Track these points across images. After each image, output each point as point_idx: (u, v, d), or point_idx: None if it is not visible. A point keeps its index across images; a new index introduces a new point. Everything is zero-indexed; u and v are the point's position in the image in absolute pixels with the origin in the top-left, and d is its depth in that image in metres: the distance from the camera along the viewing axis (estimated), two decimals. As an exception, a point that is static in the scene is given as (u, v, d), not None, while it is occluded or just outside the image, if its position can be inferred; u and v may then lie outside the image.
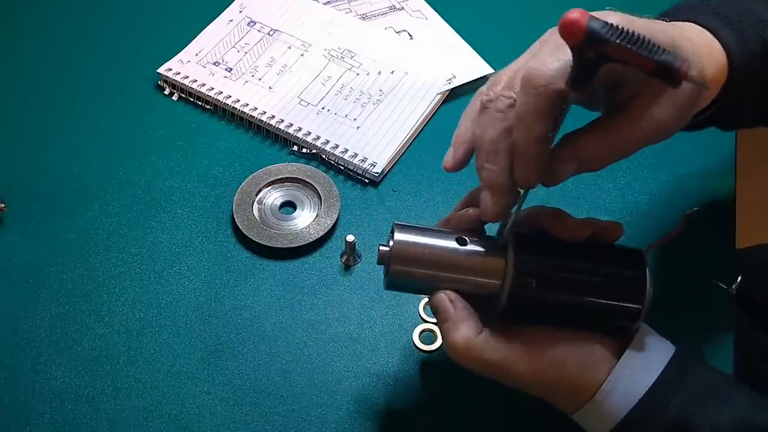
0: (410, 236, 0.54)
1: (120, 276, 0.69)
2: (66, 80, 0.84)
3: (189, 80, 0.82)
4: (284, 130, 0.78)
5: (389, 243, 0.54)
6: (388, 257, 0.53)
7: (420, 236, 0.54)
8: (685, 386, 0.51)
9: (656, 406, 0.51)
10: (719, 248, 0.71)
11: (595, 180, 0.76)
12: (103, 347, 0.65)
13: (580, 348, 0.53)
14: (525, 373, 0.52)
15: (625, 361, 0.52)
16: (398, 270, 0.53)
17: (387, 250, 0.54)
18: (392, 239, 0.53)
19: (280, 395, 0.63)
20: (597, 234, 0.54)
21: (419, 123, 0.80)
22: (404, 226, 0.54)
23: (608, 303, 0.53)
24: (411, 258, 0.53)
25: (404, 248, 0.53)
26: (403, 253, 0.53)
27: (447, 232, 0.54)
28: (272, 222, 0.72)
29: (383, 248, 0.54)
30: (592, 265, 0.53)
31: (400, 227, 0.54)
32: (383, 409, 0.62)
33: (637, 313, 0.53)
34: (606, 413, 0.52)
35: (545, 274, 0.52)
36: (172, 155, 0.78)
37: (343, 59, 0.85)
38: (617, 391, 0.51)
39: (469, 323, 0.52)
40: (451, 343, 0.52)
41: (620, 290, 0.53)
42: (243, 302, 0.68)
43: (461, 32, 0.88)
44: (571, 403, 0.53)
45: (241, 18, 0.89)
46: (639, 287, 0.53)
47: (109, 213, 0.73)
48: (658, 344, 0.54)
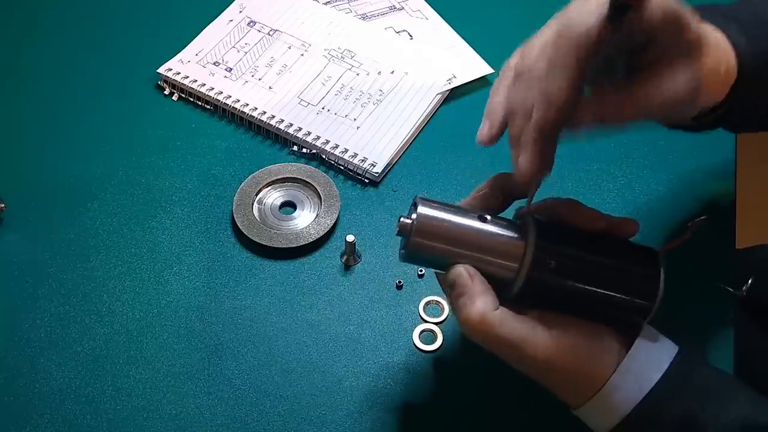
0: (432, 211, 0.54)
1: (120, 276, 0.69)
2: (66, 80, 0.84)
3: (189, 80, 0.82)
4: (284, 130, 0.78)
5: (411, 216, 0.54)
6: (410, 229, 0.53)
7: (442, 212, 0.54)
8: (690, 383, 0.52)
9: (663, 402, 0.51)
10: (719, 248, 0.71)
11: (596, 180, 0.76)
12: (103, 347, 0.65)
13: (591, 337, 0.53)
14: (537, 354, 0.52)
15: (633, 355, 0.52)
16: (418, 242, 0.53)
17: (409, 222, 0.53)
18: (415, 212, 0.53)
19: (280, 395, 0.63)
20: (611, 229, 0.54)
21: (419, 123, 0.80)
22: (427, 200, 0.54)
23: (622, 296, 0.53)
24: (432, 232, 0.53)
25: (426, 221, 0.53)
26: (424, 226, 0.53)
27: (468, 210, 0.55)
28: (272, 222, 0.72)
29: (405, 220, 0.54)
30: (609, 257, 0.54)
31: (423, 201, 0.54)
32: (383, 410, 0.62)
33: (648, 309, 0.53)
34: (613, 407, 0.52)
35: (564, 259, 0.52)
36: (172, 155, 0.78)
37: (343, 59, 0.85)
38: (625, 385, 0.51)
39: (486, 298, 0.52)
40: (467, 317, 0.52)
41: (635, 284, 0.53)
42: (243, 302, 0.68)
43: (461, 32, 0.88)
44: (577, 393, 0.53)
45: (241, 18, 0.89)
46: (653, 284, 0.53)
47: (109, 213, 0.73)
48: (663, 342, 0.54)
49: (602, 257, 0.53)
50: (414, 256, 0.55)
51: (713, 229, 0.72)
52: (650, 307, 0.53)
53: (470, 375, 0.63)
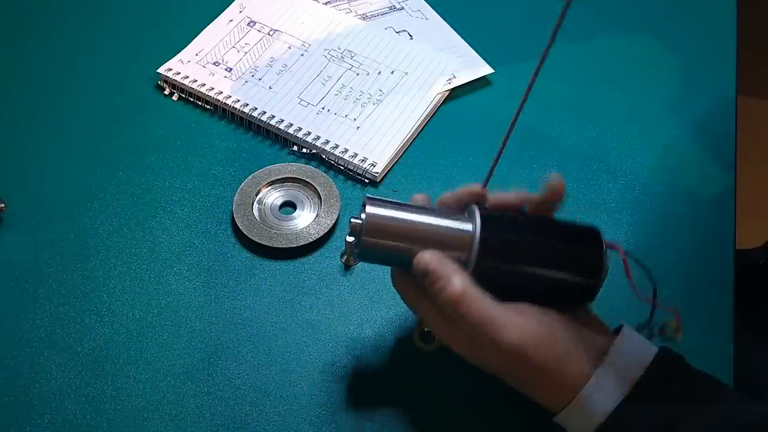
0: (381, 209, 0.56)
1: (120, 276, 0.69)
2: (66, 80, 0.84)
3: (189, 80, 0.82)
4: (284, 130, 0.78)
5: (360, 216, 0.56)
6: (360, 229, 0.55)
7: (390, 209, 0.56)
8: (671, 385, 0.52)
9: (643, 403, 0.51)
10: (719, 248, 0.71)
11: (596, 180, 0.76)
12: (103, 347, 0.65)
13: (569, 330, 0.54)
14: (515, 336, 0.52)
15: (611, 357, 0.52)
16: (369, 241, 0.55)
17: (359, 223, 0.56)
18: (364, 212, 0.55)
19: (280, 395, 0.63)
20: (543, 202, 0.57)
21: (419, 123, 0.80)
22: (376, 199, 0.57)
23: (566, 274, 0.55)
24: (381, 230, 0.55)
25: (374, 221, 0.55)
26: (373, 225, 0.55)
27: (416, 206, 0.57)
28: (272, 222, 0.72)
29: (355, 221, 0.56)
30: (552, 237, 0.56)
31: (371, 200, 0.56)
32: (383, 410, 0.62)
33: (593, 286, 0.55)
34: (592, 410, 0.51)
35: (507, 243, 0.55)
36: (172, 155, 0.78)
37: (343, 59, 0.85)
38: (603, 387, 0.51)
39: (463, 275, 0.54)
40: (451, 295, 0.53)
41: (579, 262, 0.55)
42: (243, 302, 0.68)
43: (461, 32, 0.88)
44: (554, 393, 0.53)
45: (241, 18, 0.89)
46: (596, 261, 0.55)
47: (109, 213, 0.73)
48: (642, 343, 0.54)
49: (545, 238, 0.56)
50: (368, 255, 0.57)
51: (713, 229, 0.73)
52: (595, 285, 0.55)
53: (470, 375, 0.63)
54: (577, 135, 0.80)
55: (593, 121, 0.81)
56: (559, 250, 0.55)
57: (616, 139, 0.80)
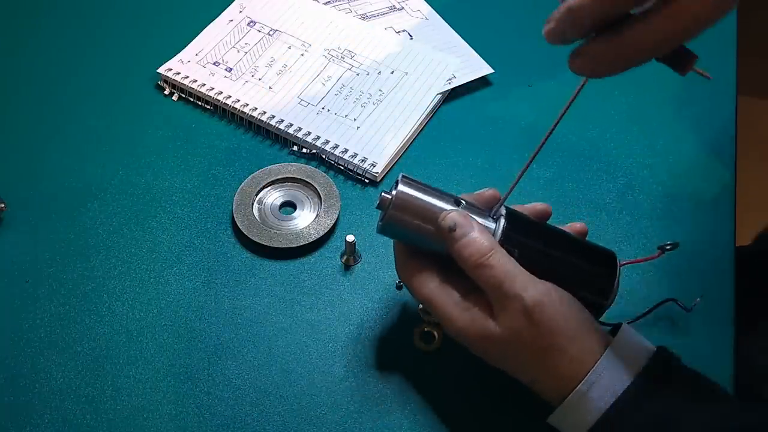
0: (412, 189, 0.57)
1: (120, 276, 0.69)
2: (66, 80, 0.84)
3: (189, 80, 0.82)
4: (284, 130, 0.78)
5: (392, 192, 0.57)
6: (388, 203, 0.57)
7: (420, 192, 0.57)
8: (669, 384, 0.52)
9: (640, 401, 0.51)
10: (719, 248, 0.71)
11: (596, 180, 0.76)
12: (103, 347, 0.65)
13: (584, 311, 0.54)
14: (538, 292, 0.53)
15: (610, 354, 0.52)
16: (394, 215, 0.57)
17: (389, 197, 0.57)
18: (395, 188, 0.57)
19: (280, 395, 0.63)
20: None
21: (419, 123, 0.80)
22: (410, 179, 0.58)
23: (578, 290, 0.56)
24: (408, 208, 0.57)
25: (404, 197, 0.57)
26: (402, 201, 0.57)
27: (447, 194, 0.58)
28: (272, 222, 0.72)
29: (386, 195, 0.57)
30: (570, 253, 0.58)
31: (405, 179, 0.58)
32: (383, 409, 0.62)
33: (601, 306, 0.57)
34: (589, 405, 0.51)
35: (527, 249, 0.56)
36: (172, 155, 0.78)
37: (343, 59, 0.85)
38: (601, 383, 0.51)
39: (489, 235, 0.55)
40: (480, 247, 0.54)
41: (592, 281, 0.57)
42: (243, 302, 0.68)
43: (461, 32, 0.88)
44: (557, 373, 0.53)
45: (241, 18, 0.89)
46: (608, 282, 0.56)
47: (109, 213, 0.73)
48: (641, 342, 0.54)
49: (563, 252, 0.57)
50: (389, 229, 0.58)
51: (713, 228, 0.73)
52: (602, 305, 0.57)
53: (470, 375, 0.63)
54: (577, 135, 0.80)
55: (593, 121, 0.81)
56: (573, 265, 0.57)
57: (616, 139, 0.80)
